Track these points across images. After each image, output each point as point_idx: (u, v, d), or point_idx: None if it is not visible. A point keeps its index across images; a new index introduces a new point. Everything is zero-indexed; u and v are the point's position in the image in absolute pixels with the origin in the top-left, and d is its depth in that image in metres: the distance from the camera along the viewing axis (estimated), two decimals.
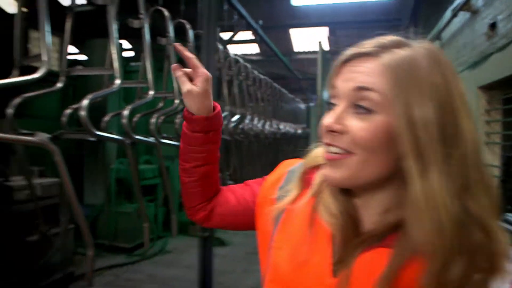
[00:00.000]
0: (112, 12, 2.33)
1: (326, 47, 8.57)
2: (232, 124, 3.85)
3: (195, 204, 0.94)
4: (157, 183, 5.29)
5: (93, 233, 4.65)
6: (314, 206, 0.73)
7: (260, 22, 5.05)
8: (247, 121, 4.39)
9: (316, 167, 0.77)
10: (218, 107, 0.88)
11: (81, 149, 5.12)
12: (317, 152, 0.80)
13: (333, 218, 0.68)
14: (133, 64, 5.42)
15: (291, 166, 0.86)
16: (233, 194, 0.93)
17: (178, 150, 0.96)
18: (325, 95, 4.42)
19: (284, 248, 0.73)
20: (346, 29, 8.22)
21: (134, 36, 2.89)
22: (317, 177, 0.76)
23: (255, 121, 4.79)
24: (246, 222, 0.90)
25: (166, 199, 5.41)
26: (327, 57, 5.03)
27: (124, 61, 5.79)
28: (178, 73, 0.85)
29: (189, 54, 0.84)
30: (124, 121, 2.22)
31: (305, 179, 0.79)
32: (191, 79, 0.85)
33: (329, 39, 8.65)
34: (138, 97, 2.88)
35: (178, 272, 4.48)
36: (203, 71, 0.84)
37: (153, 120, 2.53)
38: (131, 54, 8.27)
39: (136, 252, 4.90)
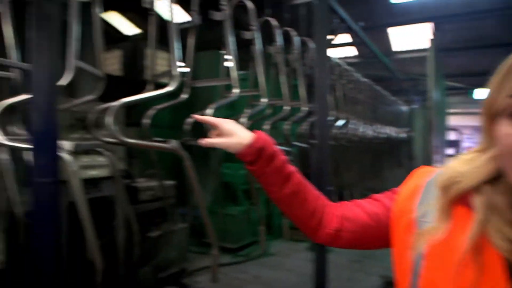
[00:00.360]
0: (228, 25, 2.49)
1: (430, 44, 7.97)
2: (337, 129, 3.80)
3: (307, 225, 0.93)
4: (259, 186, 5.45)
5: (200, 233, 5.04)
6: (474, 230, 0.67)
7: (361, 24, 4.91)
8: (350, 125, 4.30)
9: (468, 193, 0.70)
10: (256, 131, 0.96)
11: (190, 154, 5.52)
12: (458, 172, 0.71)
13: (510, 244, 0.62)
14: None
15: (427, 177, 0.80)
16: (362, 209, 0.90)
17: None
18: (435, 95, 4.09)
19: (443, 270, 0.68)
20: (453, 23, 7.54)
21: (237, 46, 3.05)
22: (478, 202, 0.69)
23: (358, 125, 4.66)
24: (379, 239, 0.86)
25: (268, 202, 5.55)
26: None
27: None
28: (210, 143, 0.98)
29: (202, 118, 1.03)
30: None
31: (452, 204, 0.72)
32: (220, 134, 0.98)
33: (434, 35, 8.03)
34: (248, 105, 3.01)
35: (282, 274, 4.54)
36: (215, 121, 0.98)
37: (266, 127, 2.62)
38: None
39: (241, 252, 5.11)
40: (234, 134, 0.95)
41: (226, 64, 3.03)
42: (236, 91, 2.38)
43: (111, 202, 3.62)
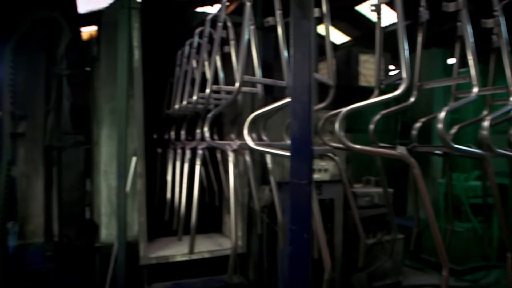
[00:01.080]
0: (465, 15, 2.21)
1: None
2: None
3: None
4: (491, 202, 4.63)
5: (417, 247, 4.65)
6: None
7: None
8: None
9: None
10: None
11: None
12: None
13: None
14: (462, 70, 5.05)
15: None
16: None
17: None
18: None
19: None
20: None
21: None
22: None
23: None
24: None
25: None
26: None
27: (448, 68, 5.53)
28: None
29: None
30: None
31: None
32: None
33: None
34: (487, 106, 2.59)
35: None
36: None
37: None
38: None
39: (466, 277, 4.45)
40: None
41: (450, 61, 2.69)
42: (475, 90, 2.08)
43: (329, 205, 3.79)
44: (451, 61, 7.98)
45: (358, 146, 2.09)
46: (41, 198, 3.97)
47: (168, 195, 3.58)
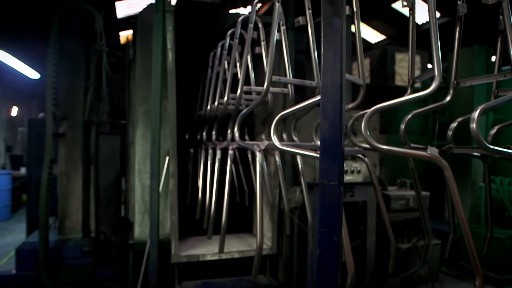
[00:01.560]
0: (507, 8, 2.09)
1: None
2: None
3: None
4: None
5: (455, 253, 4.45)
6: None
7: None
8: None
9: None
10: None
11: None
12: None
13: None
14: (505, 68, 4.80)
15: None
16: None
17: None
18: None
19: None
20: None
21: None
22: None
23: None
24: None
25: None
26: None
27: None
28: None
29: None
30: None
31: None
32: None
33: None
34: None
35: None
36: None
37: None
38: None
39: (508, 287, 4.21)
40: None
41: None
42: None
43: (361, 207, 3.71)
44: (495, 58, 7.60)
45: (385, 147, 2.02)
46: (79, 196, 4.15)
47: (199, 194, 3.63)
